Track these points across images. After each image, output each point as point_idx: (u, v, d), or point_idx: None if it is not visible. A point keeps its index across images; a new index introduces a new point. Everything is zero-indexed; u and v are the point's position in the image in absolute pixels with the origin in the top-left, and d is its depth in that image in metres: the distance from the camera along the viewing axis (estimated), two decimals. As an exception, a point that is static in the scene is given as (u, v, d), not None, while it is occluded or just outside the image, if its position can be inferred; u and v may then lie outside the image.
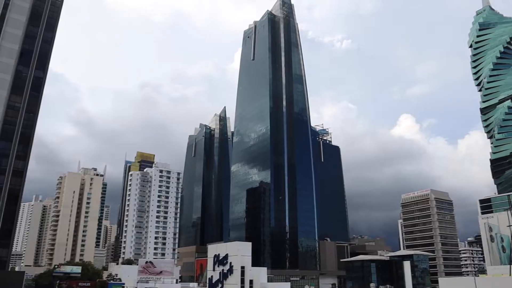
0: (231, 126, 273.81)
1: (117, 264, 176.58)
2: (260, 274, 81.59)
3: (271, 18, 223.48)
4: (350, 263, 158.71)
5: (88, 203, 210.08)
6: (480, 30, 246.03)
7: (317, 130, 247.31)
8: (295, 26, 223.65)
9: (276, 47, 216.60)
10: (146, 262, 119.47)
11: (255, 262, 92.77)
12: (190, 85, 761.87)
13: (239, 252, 77.98)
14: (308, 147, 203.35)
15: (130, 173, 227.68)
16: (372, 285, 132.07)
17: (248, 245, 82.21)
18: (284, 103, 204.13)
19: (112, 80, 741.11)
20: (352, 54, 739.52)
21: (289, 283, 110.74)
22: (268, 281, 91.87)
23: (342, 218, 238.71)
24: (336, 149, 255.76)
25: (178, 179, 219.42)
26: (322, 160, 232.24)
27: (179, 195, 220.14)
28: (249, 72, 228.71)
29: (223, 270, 79.19)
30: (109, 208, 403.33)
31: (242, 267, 76.71)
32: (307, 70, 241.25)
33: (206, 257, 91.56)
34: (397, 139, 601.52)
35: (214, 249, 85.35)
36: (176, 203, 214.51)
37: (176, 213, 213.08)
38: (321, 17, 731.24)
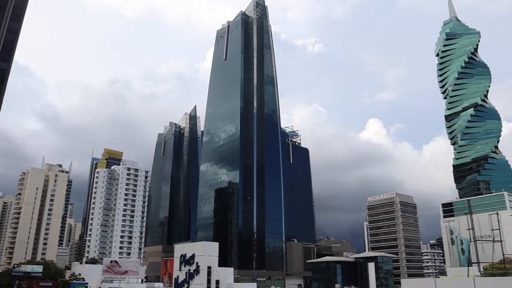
0: (201, 125, 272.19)
1: (81, 263, 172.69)
2: (226, 274, 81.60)
3: (244, 18, 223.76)
4: (316, 264, 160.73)
5: (52, 200, 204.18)
6: (446, 40, 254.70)
7: (287, 132, 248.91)
8: (268, 28, 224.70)
9: (248, 48, 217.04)
10: (111, 261, 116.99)
11: (222, 263, 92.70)
12: (160, 83, 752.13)
13: (206, 252, 77.70)
14: (277, 148, 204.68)
15: (96, 170, 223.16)
16: (337, 286, 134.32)
17: (215, 245, 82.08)
18: (255, 104, 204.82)
19: (81, 75, 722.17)
20: (324, 58, 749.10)
21: (256, 283, 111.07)
22: (234, 281, 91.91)
23: (309, 220, 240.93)
24: (305, 151, 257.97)
25: (146, 177, 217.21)
26: (291, 162, 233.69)
27: (147, 193, 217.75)
28: (220, 72, 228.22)
29: (189, 270, 78.71)
30: (73, 206, 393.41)
31: (209, 267, 76.51)
32: (279, 72, 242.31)
33: (173, 256, 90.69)
34: (365, 143, 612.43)
35: (181, 249, 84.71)
36: (144, 202, 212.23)
37: (143, 212, 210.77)
38: (295, 20, 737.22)
